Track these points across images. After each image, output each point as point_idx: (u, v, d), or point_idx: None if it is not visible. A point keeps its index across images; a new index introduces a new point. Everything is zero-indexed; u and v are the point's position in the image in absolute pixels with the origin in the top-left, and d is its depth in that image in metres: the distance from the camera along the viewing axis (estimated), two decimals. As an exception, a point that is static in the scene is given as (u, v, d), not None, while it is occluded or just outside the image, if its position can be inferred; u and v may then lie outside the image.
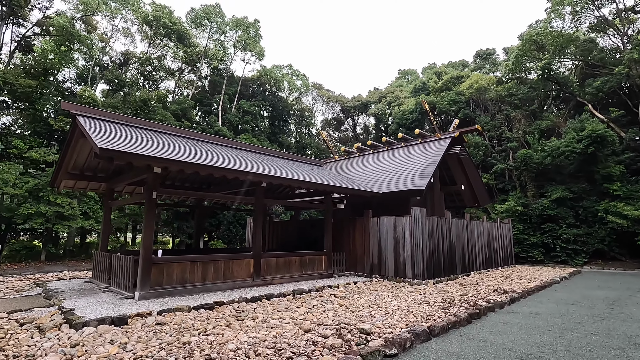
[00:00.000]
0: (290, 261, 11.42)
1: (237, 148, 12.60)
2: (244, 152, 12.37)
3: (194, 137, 11.48)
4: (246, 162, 10.54)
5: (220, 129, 24.43)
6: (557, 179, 22.35)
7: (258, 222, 10.70)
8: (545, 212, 21.45)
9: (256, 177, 9.47)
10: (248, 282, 10.08)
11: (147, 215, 8.33)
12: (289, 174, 10.87)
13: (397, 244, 12.03)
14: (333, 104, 38.78)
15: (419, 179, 13.78)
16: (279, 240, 16.97)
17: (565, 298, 10.08)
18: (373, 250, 12.75)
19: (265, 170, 10.23)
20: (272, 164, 11.97)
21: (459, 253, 13.47)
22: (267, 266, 10.71)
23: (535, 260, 21.81)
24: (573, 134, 20.57)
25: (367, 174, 17.52)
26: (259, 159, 11.90)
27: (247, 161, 10.89)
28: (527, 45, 24.82)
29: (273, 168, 11.18)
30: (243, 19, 27.24)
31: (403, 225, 11.96)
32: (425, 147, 17.47)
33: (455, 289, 10.78)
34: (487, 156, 26.31)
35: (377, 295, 9.56)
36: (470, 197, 19.21)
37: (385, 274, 12.21)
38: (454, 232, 13.37)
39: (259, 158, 12.16)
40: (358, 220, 13.42)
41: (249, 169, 9.46)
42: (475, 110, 28.04)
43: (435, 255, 11.97)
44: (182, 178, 13.14)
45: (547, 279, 13.56)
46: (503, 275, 14.19)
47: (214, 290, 9.22)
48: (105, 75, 21.39)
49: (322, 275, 12.24)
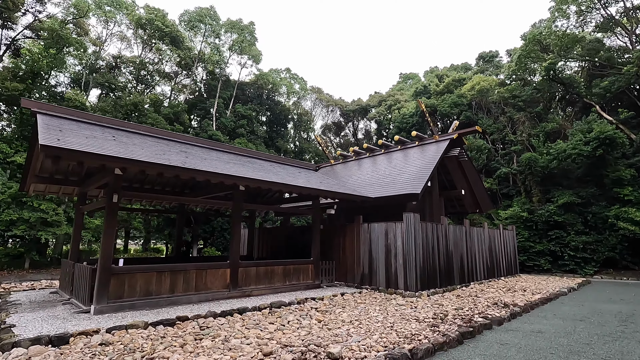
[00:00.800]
0: (272, 271, 10.62)
1: (219, 150, 11.92)
2: (226, 155, 11.67)
3: (170, 138, 10.82)
4: (224, 165, 9.83)
5: (214, 133, 23.86)
6: (564, 183, 21.29)
7: (236, 229, 9.94)
8: (552, 218, 20.38)
9: (231, 179, 8.74)
10: (223, 293, 9.29)
11: (107, 220, 7.63)
12: (270, 177, 10.13)
13: (389, 253, 11.16)
14: (333, 108, 38.14)
15: (414, 183, 12.95)
16: (270, 248, 16.18)
17: (573, 313, 9.11)
18: (364, 259, 11.89)
19: (243, 172, 9.50)
20: (255, 166, 11.25)
21: (457, 262, 12.54)
22: (245, 276, 9.91)
23: (542, 269, 20.69)
24: (580, 136, 19.58)
25: (362, 178, 16.75)
26: (241, 162, 11.18)
27: (227, 163, 10.18)
28: (530, 46, 23.98)
29: (255, 171, 10.45)
30: (238, 21, 26.83)
31: (395, 232, 11.10)
32: (423, 150, 16.66)
33: (451, 302, 9.86)
34: (490, 160, 25.32)
35: (363, 309, 8.69)
36: (471, 202, 18.26)
37: (377, 285, 11.33)
38: (452, 240, 12.46)
39: (241, 160, 11.45)
40: (348, 226, 12.60)
41: (223, 171, 8.74)
42: (478, 112, 27.14)
43: (430, 265, 11.07)
44: (162, 182, 12.49)
45: (554, 291, 12.55)
46: (506, 286, 13.20)
47: (183, 303, 8.45)
48: (95, 79, 21.02)
49: (308, 286, 11.40)
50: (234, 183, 8.88)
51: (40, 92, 19.18)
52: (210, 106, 25.58)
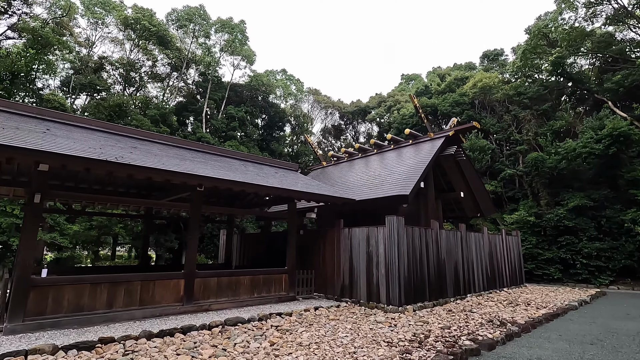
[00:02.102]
0: (237, 281, 9.45)
1: (183, 147, 10.86)
2: (190, 152, 10.61)
3: (125, 134, 9.80)
4: (180, 162, 8.76)
5: (203, 135, 22.96)
6: (575, 185, 19.69)
7: (193, 233, 8.83)
8: (562, 222, 18.76)
9: (180, 177, 7.65)
10: (175, 308, 8.14)
11: (26, 223, 6.59)
12: (235, 176, 9.01)
13: (370, 261, 9.90)
14: (332, 110, 37.02)
15: (404, 184, 11.71)
16: (250, 255, 15.02)
17: (583, 333, 7.70)
18: (344, 268, 10.63)
19: (201, 170, 8.41)
20: (221, 165, 10.16)
21: (451, 271, 11.18)
22: (203, 288, 8.76)
23: (552, 278, 19.04)
24: (591, 134, 18.04)
25: (351, 179, 15.56)
26: (204, 159, 10.11)
27: (183, 160, 9.11)
28: (535, 40, 22.58)
29: (219, 169, 9.35)
30: (228, 20, 26.07)
31: (377, 238, 9.84)
32: (417, 149, 15.43)
33: (439, 319, 8.53)
34: (494, 161, 23.82)
35: (332, 328, 7.44)
36: (471, 206, 16.85)
37: (357, 298, 10.05)
38: (444, 246, 11.12)
39: (206, 158, 10.37)
40: (329, 232, 11.38)
41: (174, 168, 7.66)
42: (481, 112, 25.71)
43: (416, 275, 9.76)
44: (128, 183, 11.47)
45: (562, 304, 11.07)
46: (507, 299, 11.75)
47: (123, 320, 7.33)
48: (78, 80, 20.38)
49: (281, 298, 10.18)
50: (183, 182, 7.79)
51: (19, 93, 18.54)
52: (201, 108, 24.76)
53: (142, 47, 23.01)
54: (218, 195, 12.83)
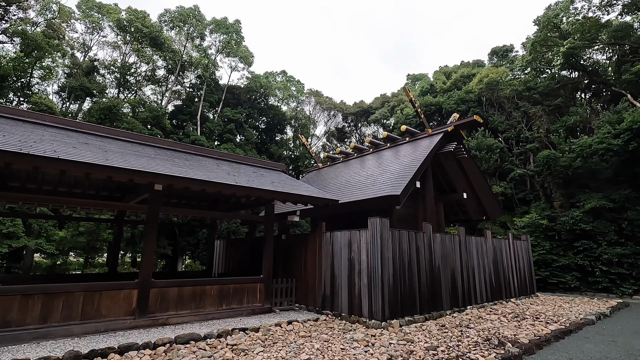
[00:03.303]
0: (203, 292, 8.49)
1: (153, 145, 10.03)
2: (159, 150, 9.78)
3: (84, 130, 9.04)
4: (139, 159, 7.90)
5: (197, 138, 22.31)
6: (591, 185, 18.10)
7: (150, 238, 7.93)
8: (578, 226, 17.20)
9: (126, 174, 6.78)
10: (125, 322, 7.22)
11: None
12: (199, 175, 8.10)
13: (352, 269, 8.80)
14: (334, 112, 36.03)
15: (395, 184, 10.61)
16: (236, 262, 14.09)
17: (600, 355, 6.41)
18: (325, 276, 9.56)
19: (159, 168, 7.53)
20: (190, 164, 9.28)
21: (447, 281, 9.95)
22: (161, 299, 7.83)
23: (569, 287, 17.45)
24: (608, 128, 16.51)
25: (345, 180, 14.55)
26: (170, 157, 9.26)
27: (141, 158, 8.26)
28: (544, 31, 21.18)
29: (184, 168, 8.47)
30: (223, 20, 25.53)
31: (359, 243, 8.75)
32: (415, 146, 14.31)
33: (427, 337, 7.36)
34: (503, 161, 22.35)
35: (296, 348, 6.38)
36: (476, 208, 15.56)
37: (339, 310, 8.95)
38: (439, 252, 9.92)
39: (173, 156, 9.52)
40: (310, 236, 10.34)
41: (123, 165, 6.79)
42: (489, 109, 24.31)
43: (404, 285, 8.60)
44: (97, 185, 10.72)
45: (576, 318, 9.69)
46: (514, 311, 10.42)
47: (59, 337, 6.45)
48: (70, 83, 20.07)
49: (254, 310, 9.17)
50: (130, 179, 6.91)
51: (7, 95, 18.26)
52: (196, 111, 24.17)
53: (135, 49, 22.63)
54: (190, 196, 11.99)
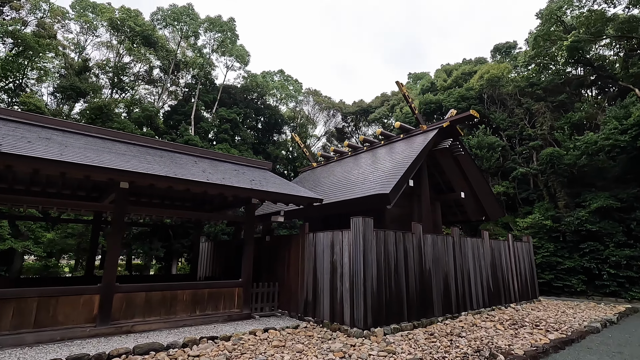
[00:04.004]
0: (174, 297, 7.95)
1: (125, 142, 9.54)
2: (131, 147, 9.29)
3: (49, 126, 8.57)
4: (101, 155, 7.41)
5: (190, 138, 21.89)
6: (598, 184, 17.28)
7: (114, 239, 7.43)
8: (584, 227, 16.38)
9: (85, 170, 6.28)
10: (84, 330, 6.71)
11: None
12: (170, 172, 7.58)
13: (334, 272, 8.20)
14: (334, 112, 35.46)
15: (384, 182, 10.02)
16: (223, 265, 13.56)
17: (601, 372, 5.74)
18: (308, 280, 8.97)
19: (125, 165, 7.03)
20: (161, 160, 8.77)
21: (439, 285, 9.29)
22: (126, 305, 7.30)
23: (575, 290, 16.61)
24: (615, 124, 15.71)
25: (337, 179, 14.04)
26: (140, 153, 8.75)
27: (112, 154, 7.76)
28: (547, 25, 20.41)
29: (154, 164, 7.96)
30: (217, 19, 25.13)
31: (341, 244, 8.15)
32: (409, 143, 13.72)
33: (413, 347, 6.74)
34: (505, 160, 21.57)
35: None
36: (474, 208, 14.85)
37: (321, 317, 8.34)
38: (429, 254, 9.27)
39: (144, 152, 9.01)
40: (293, 238, 9.76)
41: (80, 161, 6.30)
42: (490, 106, 23.54)
43: (390, 290, 7.97)
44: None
45: (580, 325, 8.97)
46: (512, 318, 9.72)
47: (7, 347, 5.95)
48: (61, 83, 19.81)
49: (231, 316, 8.60)
50: (87, 175, 6.41)
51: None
52: (190, 110, 23.78)
53: (127, 47, 22.34)
54: (172, 197, 11.48)
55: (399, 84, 13.01)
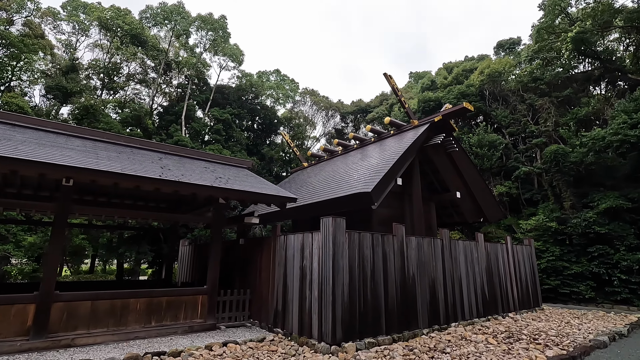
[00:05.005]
0: (125, 305, 7.18)
1: (87, 138, 8.85)
2: (88, 142, 8.59)
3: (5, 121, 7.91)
4: (39, 149, 6.72)
5: (180, 138, 21.28)
6: (607, 183, 16.14)
7: (55, 243, 6.70)
8: (592, 229, 15.26)
9: (15, 165, 5.58)
10: (14, 345, 5.96)
11: None
12: (118, 167, 6.85)
13: (304, 279, 7.36)
14: (332, 112, 34.67)
15: (367, 180, 9.18)
16: (202, 270, 12.79)
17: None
18: (278, 287, 8.14)
19: (65, 160, 6.33)
20: (116, 156, 8.06)
21: (425, 293, 8.38)
22: (68, 316, 6.56)
23: (583, 297, 15.48)
24: (624, 118, 14.62)
25: (322, 179, 13.30)
26: (94, 148, 8.05)
27: (61, 149, 7.07)
28: (551, 16, 19.40)
29: (106, 160, 7.25)
30: (208, 17, 24.59)
31: (311, 248, 7.31)
32: (399, 139, 12.93)
33: (384, 366, 5.85)
34: (508, 158, 20.49)
35: (202, 382, 4.98)
36: (471, 208, 13.89)
37: (290, 329, 7.50)
38: (413, 259, 8.36)
39: (98, 148, 8.30)
40: (265, 241, 8.95)
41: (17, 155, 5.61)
42: (492, 103, 22.51)
43: (366, 299, 7.10)
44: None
45: (585, 339, 7.96)
46: (508, 330, 8.74)
47: None
48: (46, 83, 19.43)
49: (193, 327, 7.80)
50: (13, 170, 5.71)
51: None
52: (181, 111, 23.23)
53: (116, 46, 21.92)
54: (144, 197, 10.77)
55: (387, 76, 12.17)
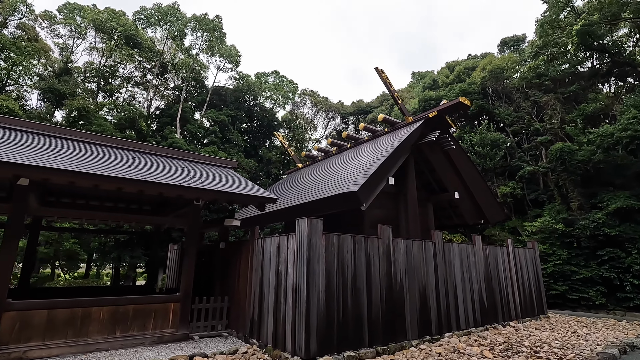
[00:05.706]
0: (87, 314, 6.67)
1: (54, 136, 8.41)
2: (59, 141, 8.16)
3: None
4: (7, 148, 6.28)
5: (175, 140, 20.92)
6: (617, 182, 15.29)
7: (9, 245, 6.24)
8: (601, 230, 14.42)
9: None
10: (-43, 358, 5.49)
11: None
12: (75, 165, 6.38)
13: (279, 286, 6.77)
14: (332, 113, 34.13)
15: (354, 180, 8.60)
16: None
17: None
18: (255, 294, 7.56)
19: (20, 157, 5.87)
20: (83, 155, 7.59)
21: (415, 301, 7.71)
22: (21, 326, 6.07)
23: (593, 304, 14.62)
24: (633, 113, 13.80)
25: (312, 179, 12.77)
26: (64, 148, 7.59)
27: (18, 147, 6.63)
28: (555, 9, 18.64)
29: (70, 159, 6.78)
30: (203, 17, 24.30)
31: (286, 252, 6.73)
32: (393, 137, 12.35)
33: (360, 385, 5.21)
34: (511, 157, 19.69)
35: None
36: (471, 209, 13.18)
37: (265, 340, 6.90)
38: (402, 264, 7.72)
39: (64, 146, 7.85)
40: (244, 244, 8.39)
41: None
42: (495, 101, 21.73)
43: (346, 308, 6.47)
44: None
45: (592, 352, 7.21)
46: (507, 341, 8.01)
47: None
48: (40, 86, 19.26)
49: (163, 338, 7.25)
50: None
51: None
52: (176, 112, 22.91)
53: (109, 48, 21.73)
54: (122, 198, 10.32)
55: (378, 70, 11.60)
